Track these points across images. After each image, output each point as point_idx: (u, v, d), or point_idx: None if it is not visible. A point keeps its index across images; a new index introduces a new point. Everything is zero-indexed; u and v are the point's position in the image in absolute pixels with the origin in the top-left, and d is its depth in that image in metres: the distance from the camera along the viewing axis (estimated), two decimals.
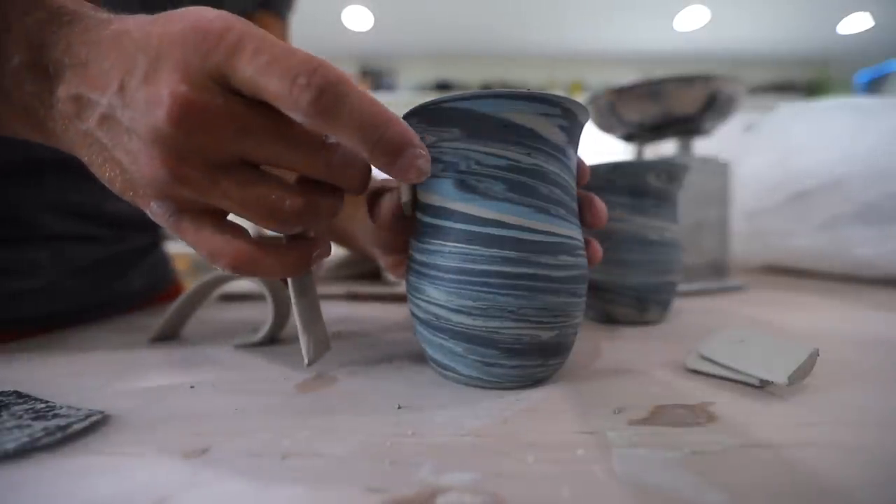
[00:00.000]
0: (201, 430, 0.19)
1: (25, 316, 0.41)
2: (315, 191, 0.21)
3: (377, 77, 3.36)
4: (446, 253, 0.22)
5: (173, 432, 0.19)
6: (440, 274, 0.22)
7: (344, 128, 0.18)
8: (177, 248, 0.71)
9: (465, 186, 0.22)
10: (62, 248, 0.43)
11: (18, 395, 0.22)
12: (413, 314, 0.24)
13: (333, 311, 0.45)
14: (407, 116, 0.23)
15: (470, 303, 0.21)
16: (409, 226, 0.26)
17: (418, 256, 0.23)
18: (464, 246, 0.21)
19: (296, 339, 0.34)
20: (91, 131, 0.20)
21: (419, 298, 0.23)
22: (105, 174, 0.21)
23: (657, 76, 0.52)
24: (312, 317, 0.25)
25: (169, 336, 0.35)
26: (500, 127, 0.21)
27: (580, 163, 0.26)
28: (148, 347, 0.32)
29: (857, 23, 3.21)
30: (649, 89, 0.53)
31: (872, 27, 3.25)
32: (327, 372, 0.26)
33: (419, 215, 0.24)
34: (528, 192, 0.21)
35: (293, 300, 0.24)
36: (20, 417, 0.19)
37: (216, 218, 0.21)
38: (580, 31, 3.26)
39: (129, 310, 0.49)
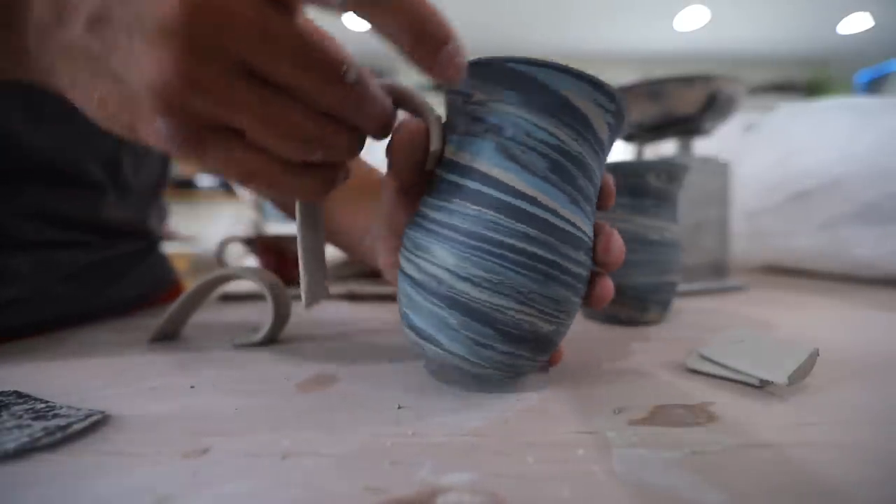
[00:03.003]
0: (201, 430, 0.19)
1: (13, 325, 0.39)
2: (336, 121, 0.19)
3: (377, 77, 3.35)
4: (468, 215, 0.20)
5: (173, 432, 0.19)
6: (456, 236, 0.20)
7: (386, 13, 0.16)
8: (176, 249, 0.70)
9: (506, 153, 0.20)
10: (47, 256, 0.41)
11: (18, 395, 0.22)
12: (404, 272, 0.22)
13: (333, 311, 0.45)
14: None
15: (481, 273, 0.20)
16: (423, 186, 0.24)
17: (431, 213, 0.21)
18: (490, 213, 0.20)
19: (296, 339, 0.34)
20: (76, 40, 0.18)
21: (420, 257, 0.21)
22: (94, 94, 0.19)
23: (657, 76, 0.52)
24: (316, 256, 0.23)
25: (169, 336, 0.35)
26: (557, 103, 0.20)
27: (606, 181, 0.24)
28: (148, 347, 0.32)
29: (857, 23, 3.21)
30: (649, 89, 0.53)
31: (872, 27, 3.25)
32: (327, 372, 0.26)
33: (441, 171, 0.22)
34: (568, 178, 0.21)
35: (300, 235, 0.23)
36: (20, 417, 0.19)
37: (239, 135, 0.18)
38: (580, 31, 3.26)
39: (125, 312, 0.48)
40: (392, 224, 0.25)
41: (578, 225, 0.21)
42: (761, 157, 0.68)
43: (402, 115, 0.23)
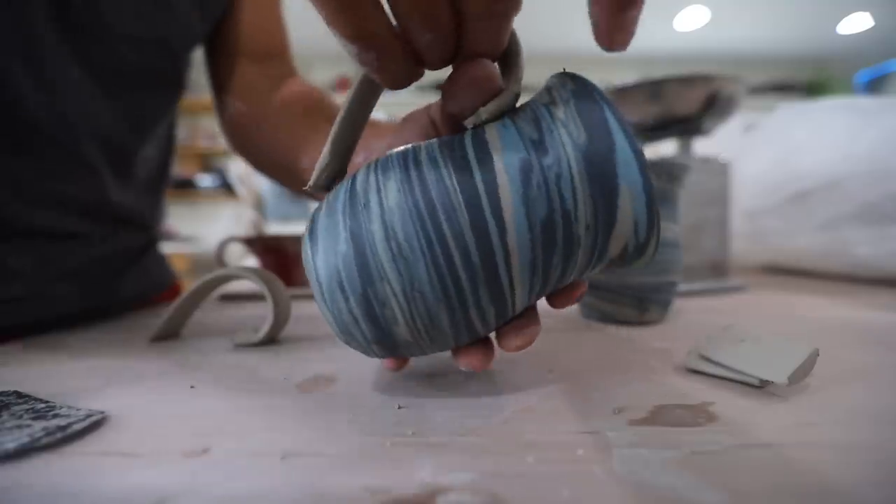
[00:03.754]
0: (201, 430, 0.19)
1: (14, 323, 0.39)
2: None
3: None
4: (444, 186, 0.19)
5: (173, 432, 0.19)
6: (419, 195, 0.18)
7: None
8: (176, 249, 0.70)
9: (524, 173, 0.18)
10: (48, 253, 0.41)
11: (18, 395, 0.22)
12: (344, 195, 0.20)
13: None
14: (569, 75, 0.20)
15: (403, 242, 0.18)
16: (435, 136, 0.22)
17: (422, 160, 0.19)
18: (462, 200, 0.18)
19: (296, 339, 0.34)
20: None
21: (374, 189, 0.19)
22: None
23: (657, 76, 0.52)
24: (345, 136, 0.21)
25: (169, 336, 0.35)
26: (607, 183, 0.18)
27: (578, 286, 0.22)
28: (148, 347, 0.32)
29: (857, 23, 3.21)
30: (649, 89, 0.53)
31: (872, 27, 3.25)
32: (327, 372, 0.26)
33: (462, 136, 0.20)
34: (547, 245, 0.19)
35: (345, 110, 0.21)
36: (20, 417, 0.19)
37: None
38: (580, 30, 3.26)
39: (125, 312, 0.48)
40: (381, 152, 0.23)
41: (515, 290, 0.19)
42: (761, 157, 0.68)
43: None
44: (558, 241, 0.19)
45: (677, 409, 0.20)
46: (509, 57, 0.21)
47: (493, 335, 0.22)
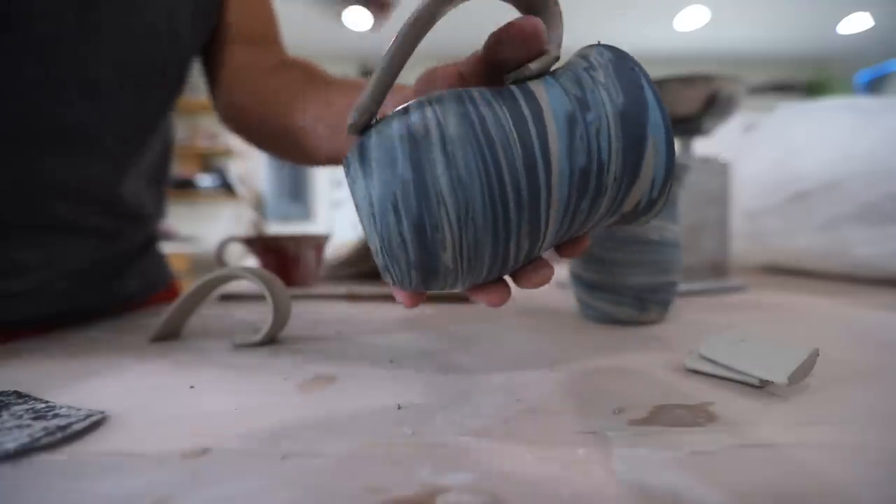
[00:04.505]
0: (201, 430, 0.19)
1: (17, 318, 0.40)
2: None
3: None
4: (500, 124, 0.20)
5: (173, 432, 0.19)
6: (478, 128, 0.19)
7: None
8: (175, 249, 0.71)
9: (569, 123, 0.20)
10: (52, 247, 0.42)
11: (18, 395, 0.22)
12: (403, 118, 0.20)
13: (333, 311, 0.45)
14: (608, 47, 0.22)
15: (463, 172, 0.19)
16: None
17: (476, 96, 0.20)
18: (516, 137, 0.19)
19: (296, 339, 0.34)
20: None
21: (433, 113, 0.20)
22: None
23: (657, 76, 0.52)
24: (386, 81, 0.21)
25: (169, 336, 0.35)
26: (638, 139, 0.21)
27: (584, 239, 0.24)
28: (148, 347, 0.32)
29: (857, 23, 3.21)
30: None
31: (872, 27, 3.25)
32: (327, 372, 0.26)
33: (508, 87, 0.21)
34: (580, 190, 0.21)
35: (389, 52, 0.21)
36: (20, 417, 0.19)
37: None
38: (581, 31, 3.26)
39: (125, 312, 0.49)
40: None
41: (548, 229, 0.21)
42: (761, 157, 0.68)
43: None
44: (590, 189, 0.21)
45: (677, 409, 0.20)
46: (552, 21, 0.23)
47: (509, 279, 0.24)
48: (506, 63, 0.21)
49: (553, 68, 0.22)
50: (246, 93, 0.49)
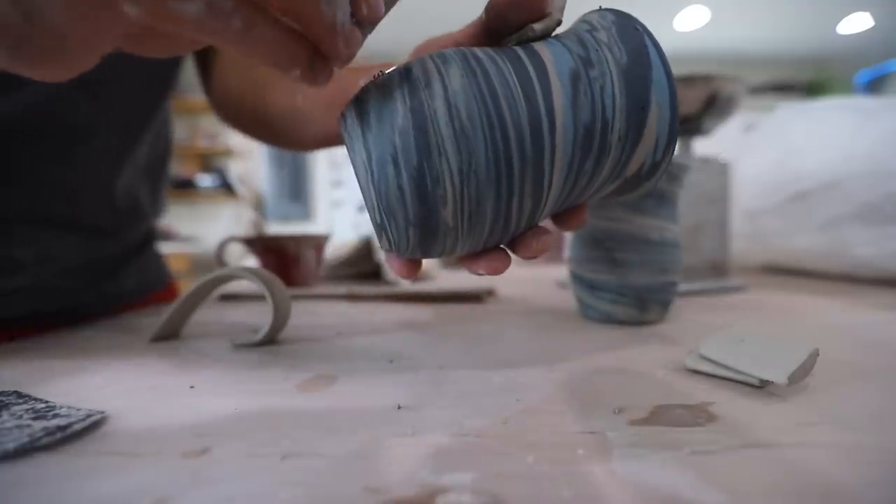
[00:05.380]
0: (201, 430, 0.19)
1: (13, 315, 0.40)
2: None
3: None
4: (504, 77, 0.20)
5: (173, 432, 0.19)
6: (482, 78, 0.19)
7: None
8: (175, 249, 0.70)
9: (573, 79, 0.20)
10: (50, 245, 0.42)
11: (18, 395, 0.22)
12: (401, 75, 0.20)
13: (333, 311, 0.45)
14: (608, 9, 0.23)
15: (466, 122, 0.19)
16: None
17: (481, 56, 0.20)
18: (521, 90, 0.20)
19: (296, 340, 0.34)
20: None
21: (435, 74, 0.19)
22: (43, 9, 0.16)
23: None
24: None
25: (169, 336, 0.35)
26: (641, 99, 0.21)
27: (580, 211, 0.25)
28: (148, 347, 0.32)
29: (857, 23, 3.21)
30: None
31: (872, 27, 3.25)
32: (327, 372, 0.26)
33: (513, 48, 0.22)
34: (585, 147, 0.21)
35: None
36: (20, 417, 0.19)
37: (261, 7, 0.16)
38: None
39: (122, 310, 0.48)
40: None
41: (551, 188, 0.21)
42: (761, 157, 0.68)
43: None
44: (594, 148, 0.20)
45: (677, 409, 0.20)
46: None
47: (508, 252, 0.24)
48: (508, 27, 0.22)
49: (555, 33, 0.23)
50: (239, 78, 0.48)
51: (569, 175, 0.21)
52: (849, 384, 0.23)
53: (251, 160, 3.91)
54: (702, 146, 0.74)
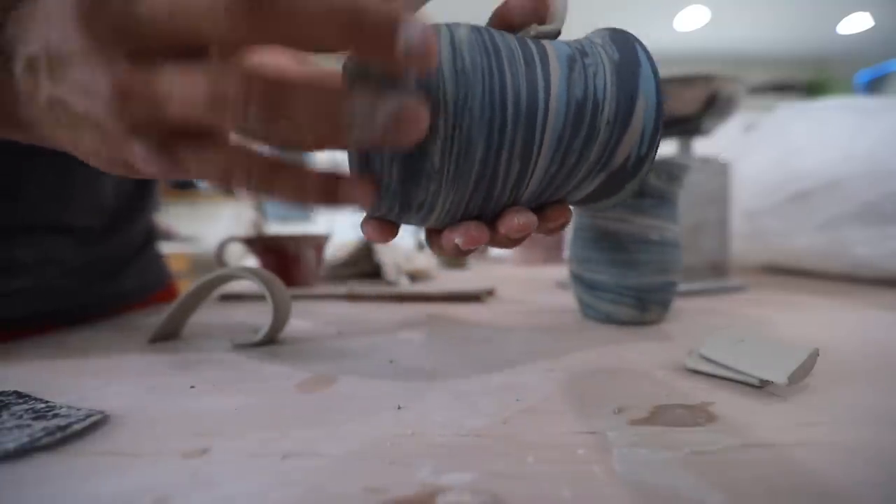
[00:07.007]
0: (201, 430, 0.19)
1: (14, 316, 0.40)
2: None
3: None
4: (504, 55, 0.21)
5: (173, 432, 0.19)
6: (489, 54, 0.21)
7: (300, 21, 0.15)
8: (175, 249, 0.70)
9: (570, 65, 0.22)
10: (50, 246, 0.42)
11: (18, 395, 0.22)
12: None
13: (333, 311, 0.45)
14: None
15: (457, 82, 0.20)
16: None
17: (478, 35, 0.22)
18: (523, 69, 0.21)
19: (296, 340, 0.34)
20: (53, 93, 0.18)
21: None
22: (84, 138, 0.19)
23: None
24: None
25: (169, 336, 0.35)
26: (630, 93, 0.22)
27: (564, 209, 0.26)
28: (148, 347, 0.32)
29: (857, 23, 3.21)
30: None
31: (872, 27, 3.25)
32: (327, 372, 0.26)
33: None
34: (572, 133, 0.22)
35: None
36: (20, 417, 0.19)
37: (210, 135, 0.18)
38: (580, 30, 3.25)
39: (122, 310, 0.48)
40: None
41: (539, 158, 0.21)
42: (761, 157, 0.68)
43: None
44: (584, 126, 0.21)
45: (677, 409, 0.20)
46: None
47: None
48: (512, 23, 0.23)
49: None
50: None
51: (557, 150, 0.21)
52: (849, 384, 0.23)
53: None
54: (702, 146, 0.74)
